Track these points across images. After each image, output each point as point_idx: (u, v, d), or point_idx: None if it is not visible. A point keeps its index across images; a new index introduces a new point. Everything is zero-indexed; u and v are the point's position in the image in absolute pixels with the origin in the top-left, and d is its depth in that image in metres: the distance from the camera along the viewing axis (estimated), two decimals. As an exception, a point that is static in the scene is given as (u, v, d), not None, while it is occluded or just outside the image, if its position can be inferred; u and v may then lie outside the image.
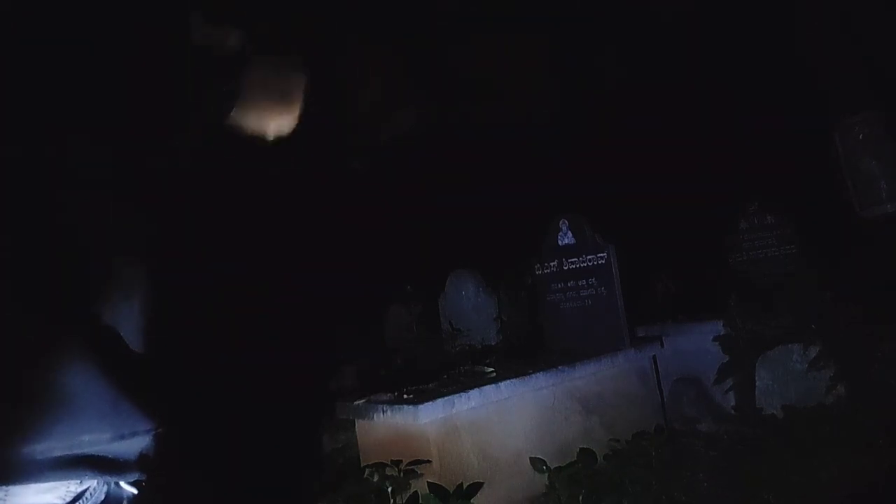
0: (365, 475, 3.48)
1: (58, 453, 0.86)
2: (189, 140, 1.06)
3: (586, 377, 4.14)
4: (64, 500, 0.88)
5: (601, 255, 4.52)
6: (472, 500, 3.23)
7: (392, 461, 3.37)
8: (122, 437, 0.91)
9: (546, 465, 3.58)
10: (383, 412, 3.61)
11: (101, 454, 0.89)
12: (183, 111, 1.08)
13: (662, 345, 4.74)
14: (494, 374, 3.94)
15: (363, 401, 3.80)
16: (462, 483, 3.30)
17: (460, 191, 7.68)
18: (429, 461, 3.36)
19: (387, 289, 6.46)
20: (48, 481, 0.87)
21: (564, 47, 8.08)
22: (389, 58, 8.00)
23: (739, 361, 4.55)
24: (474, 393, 3.58)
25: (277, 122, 1.17)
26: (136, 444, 0.94)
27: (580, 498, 3.39)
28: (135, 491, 0.96)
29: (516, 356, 4.36)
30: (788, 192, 5.99)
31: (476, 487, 3.28)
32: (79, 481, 0.88)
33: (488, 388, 3.65)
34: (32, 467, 0.85)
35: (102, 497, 0.92)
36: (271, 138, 1.18)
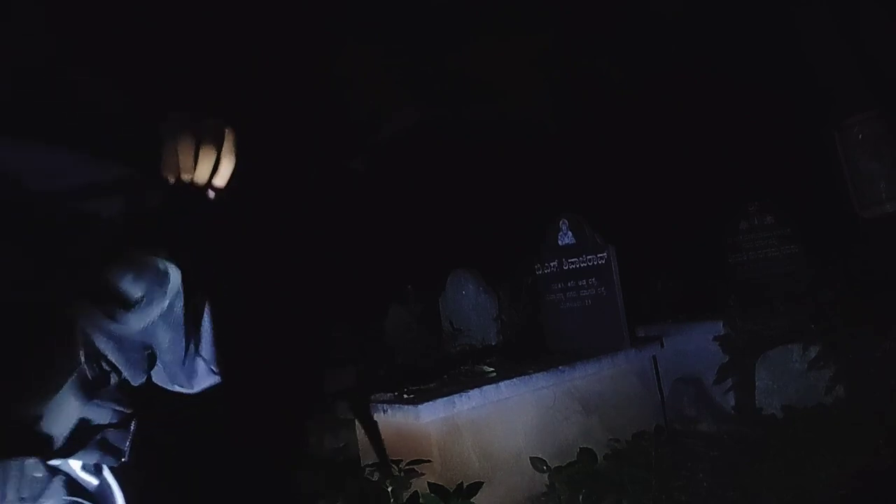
0: (365, 474, 3.49)
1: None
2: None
3: (586, 377, 4.14)
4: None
5: (601, 255, 4.52)
6: (472, 500, 3.23)
7: (393, 460, 3.38)
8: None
9: (546, 465, 3.59)
10: (384, 412, 3.61)
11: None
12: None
13: (662, 345, 4.74)
14: (495, 373, 3.94)
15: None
16: (462, 482, 3.30)
17: (461, 190, 7.68)
18: (429, 460, 3.37)
19: (387, 288, 6.46)
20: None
21: (566, 47, 8.08)
22: (389, 57, 8.00)
23: (739, 361, 4.55)
24: (475, 393, 3.58)
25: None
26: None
27: (580, 498, 3.40)
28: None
29: (516, 356, 4.36)
30: (789, 193, 5.99)
31: (476, 487, 3.28)
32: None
33: (488, 387, 3.65)
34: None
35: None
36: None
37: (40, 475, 0.84)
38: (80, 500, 0.90)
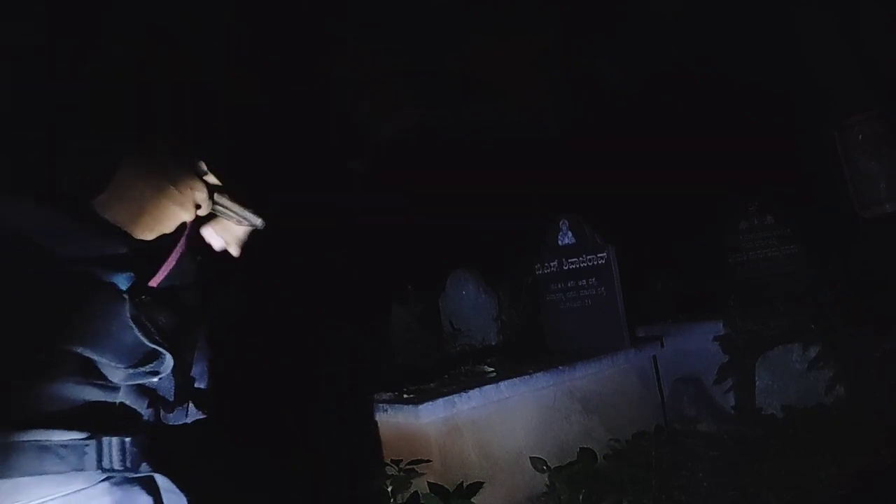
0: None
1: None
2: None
3: (586, 377, 4.14)
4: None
5: (601, 255, 4.52)
6: (472, 500, 3.24)
7: (392, 460, 3.38)
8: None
9: (546, 465, 3.58)
10: (384, 411, 3.61)
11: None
12: None
13: (662, 345, 4.74)
14: (495, 373, 3.94)
15: (363, 400, 3.81)
16: (462, 482, 3.30)
17: (460, 190, 7.68)
18: (429, 460, 3.37)
19: (387, 288, 6.46)
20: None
21: (566, 47, 8.08)
22: (389, 57, 8.00)
23: (739, 361, 4.56)
24: (475, 392, 3.58)
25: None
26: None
27: (580, 498, 3.40)
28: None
29: (516, 356, 4.36)
30: (789, 193, 5.99)
31: (476, 487, 3.28)
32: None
33: (489, 387, 3.65)
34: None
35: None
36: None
37: (136, 450, 0.93)
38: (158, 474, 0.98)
